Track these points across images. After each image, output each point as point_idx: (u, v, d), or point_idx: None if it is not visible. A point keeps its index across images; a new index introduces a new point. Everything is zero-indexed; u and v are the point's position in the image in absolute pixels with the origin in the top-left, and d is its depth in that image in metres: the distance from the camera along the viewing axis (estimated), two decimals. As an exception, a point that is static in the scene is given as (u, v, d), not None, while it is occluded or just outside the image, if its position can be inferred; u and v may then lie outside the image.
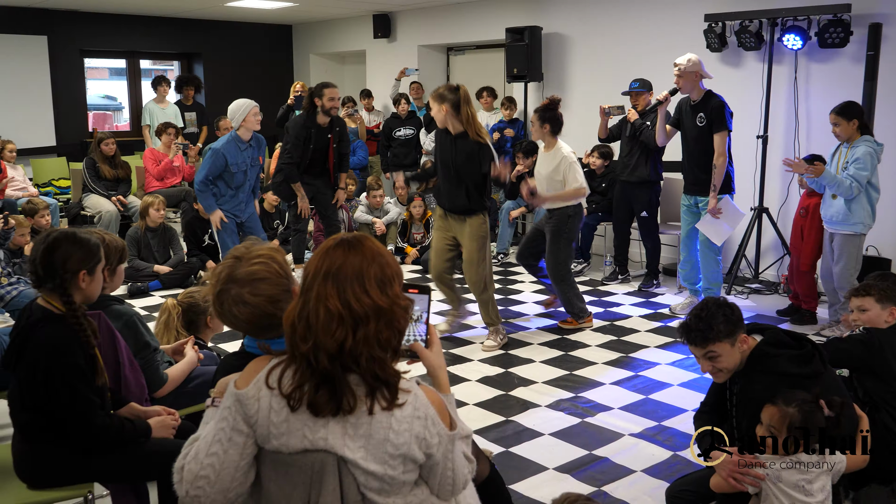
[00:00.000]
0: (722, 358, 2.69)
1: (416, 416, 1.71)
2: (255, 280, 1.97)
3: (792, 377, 2.63)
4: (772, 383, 2.65)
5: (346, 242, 1.75)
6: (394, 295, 1.72)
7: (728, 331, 2.67)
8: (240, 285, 1.97)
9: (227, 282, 1.99)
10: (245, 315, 1.97)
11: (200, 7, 10.08)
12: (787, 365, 2.66)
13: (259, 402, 1.71)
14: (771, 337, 2.76)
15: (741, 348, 2.70)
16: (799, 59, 6.60)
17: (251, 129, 5.99)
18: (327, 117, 6.68)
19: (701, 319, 2.68)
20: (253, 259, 2.01)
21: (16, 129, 9.36)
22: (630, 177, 6.69)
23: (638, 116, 6.57)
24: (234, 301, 1.97)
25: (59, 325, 2.40)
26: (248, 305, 1.97)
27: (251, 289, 1.97)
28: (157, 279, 6.75)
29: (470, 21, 9.47)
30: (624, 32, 7.92)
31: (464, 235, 5.28)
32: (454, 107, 5.05)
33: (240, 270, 1.99)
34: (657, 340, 5.48)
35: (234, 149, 5.96)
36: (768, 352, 2.71)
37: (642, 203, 6.72)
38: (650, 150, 6.56)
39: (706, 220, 5.70)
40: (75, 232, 2.50)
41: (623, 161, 6.76)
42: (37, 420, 2.43)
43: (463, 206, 5.21)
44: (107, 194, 8.06)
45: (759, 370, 2.71)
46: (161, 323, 3.51)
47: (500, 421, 4.13)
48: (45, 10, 9.98)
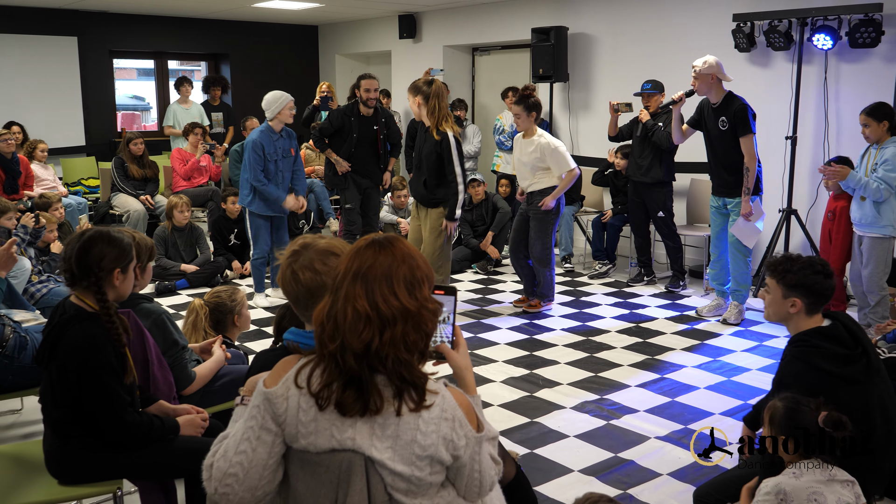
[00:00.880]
0: (770, 296, 2.86)
1: (444, 417, 1.71)
2: (329, 253, 2.06)
3: (822, 373, 2.60)
4: (800, 372, 2.65)
5: (377, 243, 1.75)
6: (422, 298, 1.72)
7: (789, 282, 2.79)
8: (314, 253, 2.05)
9: (304, 247, 2.07)
10: (306, 281, 2.01)
11: (228, 8, 10.16)
12: (821, 359, 2.63)
13: (288, 402, 1.72)
14: (829, 329, 2.74)
15: (788, 308, 2.80)
16: (829, 60, 6.52)
17: (284, 121, 6.06)
18: (369, 109, 6.70)
19: (789, 259, 2.86)
20: (331, 239, 2.14)
21: (47, 129, 9.49)
22: (644, 177, 6.67)
23: (650, 117, 6.54)
24: (303, 264, 2.03)
25: (91, 323, 2.43)
26: (314, 272, 2.02)
27: (323, 258, 2.04)
28: (185, 278, 6.81)
29: (495, 21, 9.45)
30: (651, 33, 7.87)
31: (425, 226, 5.71)
32: (425, 98, 5.46)
33: (319, 242, 2.10)
34: (683, 343, 5.44)
35: (268, 138, 6.03)
36: (811, 340, 2.69)
37: (657, 203, 6.70)
38: (663, 150, 6.54)
39: (739, 223, 5.65)
40: (109, 231, 2.54)
41: (636, 162, 6.75)
42: (68, 416, 2.46)
43: (422, 195, 5.69)
44: (135, 193, 8.15)
45: (793, 355, 2.72)
46: (189, 323, 3.55)
47: (525, 422, 4.12)
48: (76, 12, 10.11)
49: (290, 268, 2.03)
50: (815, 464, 2.39)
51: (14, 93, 9.64)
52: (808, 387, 2.59)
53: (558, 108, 8.87)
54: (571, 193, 7.66)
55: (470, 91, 10.45)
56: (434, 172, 5.56)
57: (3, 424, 4.04)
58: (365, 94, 6.62)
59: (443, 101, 5.50)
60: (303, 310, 2.03)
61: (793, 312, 2.80)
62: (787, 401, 2.43)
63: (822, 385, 2.59)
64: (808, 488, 2.33)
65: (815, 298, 2.78)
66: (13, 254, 3.32)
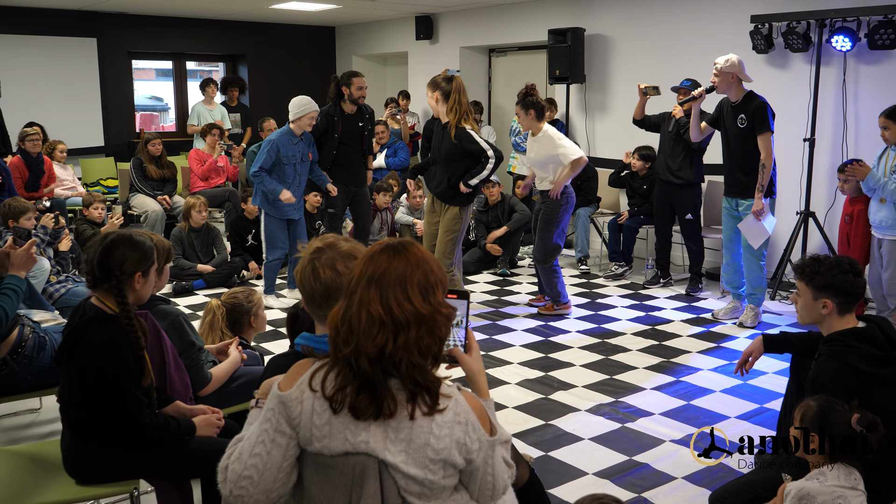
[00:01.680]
0: (801, 300, 2.88)
1: (457, 421, 1.71)
2: (351, 256, 2.06)
3: (857, 372, 2.60)
4: (835, 370, 2.64)
5: (392, 248, 1.77)
6: (436, 302, 1.73)
7: (818, 283, 2.79)
8: (337, 253, 2.05)
9: (329, 246, 2.07)
10: (326, 279, 2.01)
11: (245, 9, 10.21)
12: (857, 359, 2.63)
13: (302, 405, 1.73)
14: (866, 330, 2.73)
15: (820, 310, 2.81)
16: (848, 61, 6.48)
17: (303, 128, 6.12)
18: (354, 106, 6.59)
19: (816, 260, 2.86)
20: (355, 243, 2.14)
21: (66, 130, 9.58)
22: (673, 178, 6.61)
23: (683, 114, 6.49)
24: (324, 263, 2.03)
25: (111, 325, 2.46)
26: (335, 272, 2.02)
27: (345, 260, 2.04)
28: (201, 278, 6.85)
29: (512, 22, 9.45)
30: (668, 34, 7.85)
31: (440, 224, 5.71)
32: (444, 95, 5.46)
33: (343, 244, 2.09)
34: (699, 346, 5.42)
35: (287, 141, 6.09)
36: (847, 341, 2.68)
37: (686, 205, 6.64)
38: (693, 151, 6.49)
39: (748, 220, 5.61)
40: (132, 234, 2.56)
41: (666, 161, 6.68)
42: (86, 417, 2.49)
43: (443, 192, 5.65)
44: (153, 194, 8.20)
45: (827, 354, 2.72)
46: (206, 323, 3.57)
47: (539, 424, 4.11)
48: (95, 13, 10.20)
49: (311, 264, 2.04)
50: (842, 469, 2.38)
51: (34, 93, 9.74)
52: (844, 385, 2.59)
53: (575, 109, 8.85)
54: (587, 195, 7.66)
55: (486, 92, 10.45)
56: (458, 170, 5.55)
57: (21, 423, 4.08)
58: (357, 92, 6.50)
59: (463, 97, 5.49)
60: (316, 308, 2.04)
61: (825, 314, 2.81)
62: (821, 400, 2.43)
63: (857, 384, 2.58)
64: (832, 493, 2.32)
65: (846, 298, 2.78)
66: (33, 254, 3.35)
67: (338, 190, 6.55)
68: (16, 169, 7.68)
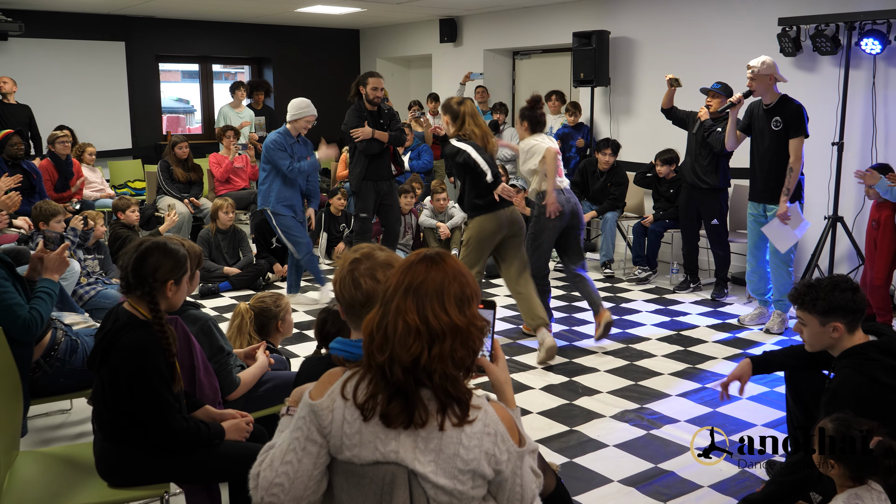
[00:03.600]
0: (807, 329, 2.83)
1: (486, 432, 1.72)
2: (388, 265, 2.09)
3: (880, 385, 2.57)
4: (859, 384, 2.63)
5: (429, 258, 1.79)
6: (471, 315, 1.75)
7: (821, 309, 2.75)
8: (375, 263, 2.09)
9: (366, 256, 2.11)
10: (367, 288, 2.05)
11: (271, 13, 10.29)
12: (880, 372, 2.61)
13: (333, 413, 1.75)
14: (884, 342, 2.71)
15: (831, 334, 2.76)
16: (877, 64, 6.41)
17: (299, 130, 6.26)
18: (374, 107, 6.67)
19: (811, 286, 2.79)
20: (390, 252, 2.18)
21: (95, 132, 9.71)
22: (700, 182, 6.56)
23: (708, 117, 6.44)
24: (364, 273, 2.06)
25: (143, 331, 2.49)
26: (375, 281, 2.05)
27: (383, 269, 2.07)
28: (227, 280, 6.91)
29: (536, 25, 9.45)
30: (694, 37, 7.81)
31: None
32: (453, 118, 5.37)
33: (379, 254, 2.13)
34: (725, 352, 5.39)
35: (282, 139, 6.23)
36: (869, 354, 2.66)
37: (712, 210, 6.59)
38: (720, 155, 6.44)
39: (774, 224, 5.55)
40: (166, 242, 2.60)
41: (692, 166, 6.64)
42: (119, 420, 2.52)
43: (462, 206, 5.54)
44: (179, 196, 8.28)
45: (851, 367, 2.69)
46: (234, 327, 3.60)
47: (564, 431, 4.11)
48: (124, 17, 10.32)
49: (350, 275, 2.07)
50: (873, 491, 2.35)
51: (64, 96, 9.88)
52: (864, 400, 2.57)
53: (599, 112, 8.83)
54: (616, 200, 7.60)
55: (510, 95, 10.45)
56: (464, 185, 5.42)
57: (53, 424, 4.14)
58: (372, 93, 6.58)
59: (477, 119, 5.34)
60: (355, 317, 2.06)
61: (836, 337, 2.78)
62: (837, 423, 2.40)
63: (879, 399, 2.56)
64: None
65: (853, 316, 2.76)
66: (66, 258, 3.41)
67: (367, 189, 6.68)
68: (45, 171, 7.79)
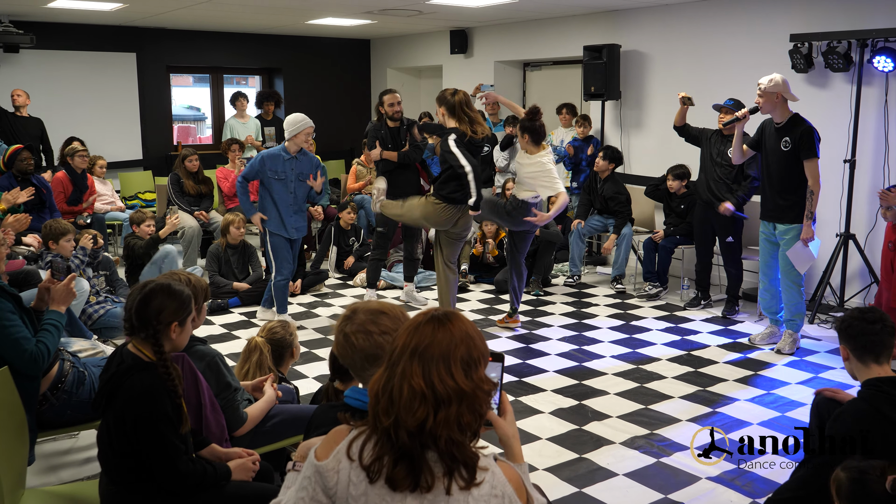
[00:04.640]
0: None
1: (494, 494, 1.70)
2: (379, 312, 2.11)
3: (884, 419, 2.56)
4: (862, 411, 2.62)
5: (436, 319, 1.76)
6: (478, 378, 1.73)
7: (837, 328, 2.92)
8: (364, 314, 2.11)
9: (354, 311, 2.13)
10: (360, 345, 2.06)
11: (282, 24, 10.30)
12: (886, 406, 2.59)
13: (339, 475, 1.73)
14: None
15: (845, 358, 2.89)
16: (890, 82, 6.36)
17: (299, 144, 6.07)
18: (396, 122, 6.79)
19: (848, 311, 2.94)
20: (382, 301, 2.21)
21: (105, 143, 9.75)
22: (714, 200, 6.48)
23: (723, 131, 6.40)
24: (354, 329, 2.07)
25: (148, 374, 2.48)
26: (367, 334, 2.06)
27: (374, 318, 2.09)
28: (237, 296, 6.91)
29: (547, 37, 9.42)
30: (705, 52, 7.76)
31: None
32: (449, 109, 5.69)
33: (369, 304, 2.16)
34: (736, 373, 5.35)
35: (277, 155, 6.07)
36: (883, 387, 2.66)
37: (727, 228, 6.54)
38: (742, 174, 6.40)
39: (797, 248, 5.50)
40: (170, 284, 2.59)
41: (707, 183, 6.55)
42: (125, 463, 2.51)
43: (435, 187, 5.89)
44: (189, 210, 8.29)
45: (861, 395, 2.71)
46: (253, 363, 3.53)
47: (573, 458, 4.08)
48: (135, 28, 10.36)
49: (342, 333, 2.06)
50: None
51: (75, 108, 9.92)
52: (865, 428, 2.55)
53: (610, 125, 8.80)
54: (625, 217, 7.57)
55: (521, 107, 10.41)
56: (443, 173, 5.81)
57: (60, 450, 4.12)
58: (390, 110, 6.72)
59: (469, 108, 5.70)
60: (360, 373, 2.06)
61: (847, 362, 2.84)
62: (849, 472, 2.36)
63: (879, 431, 2.53)
64: None
65: (855, 343, 2.80)
66: (73, 289, 3.40)
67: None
68: (59, 184, 7.80)
